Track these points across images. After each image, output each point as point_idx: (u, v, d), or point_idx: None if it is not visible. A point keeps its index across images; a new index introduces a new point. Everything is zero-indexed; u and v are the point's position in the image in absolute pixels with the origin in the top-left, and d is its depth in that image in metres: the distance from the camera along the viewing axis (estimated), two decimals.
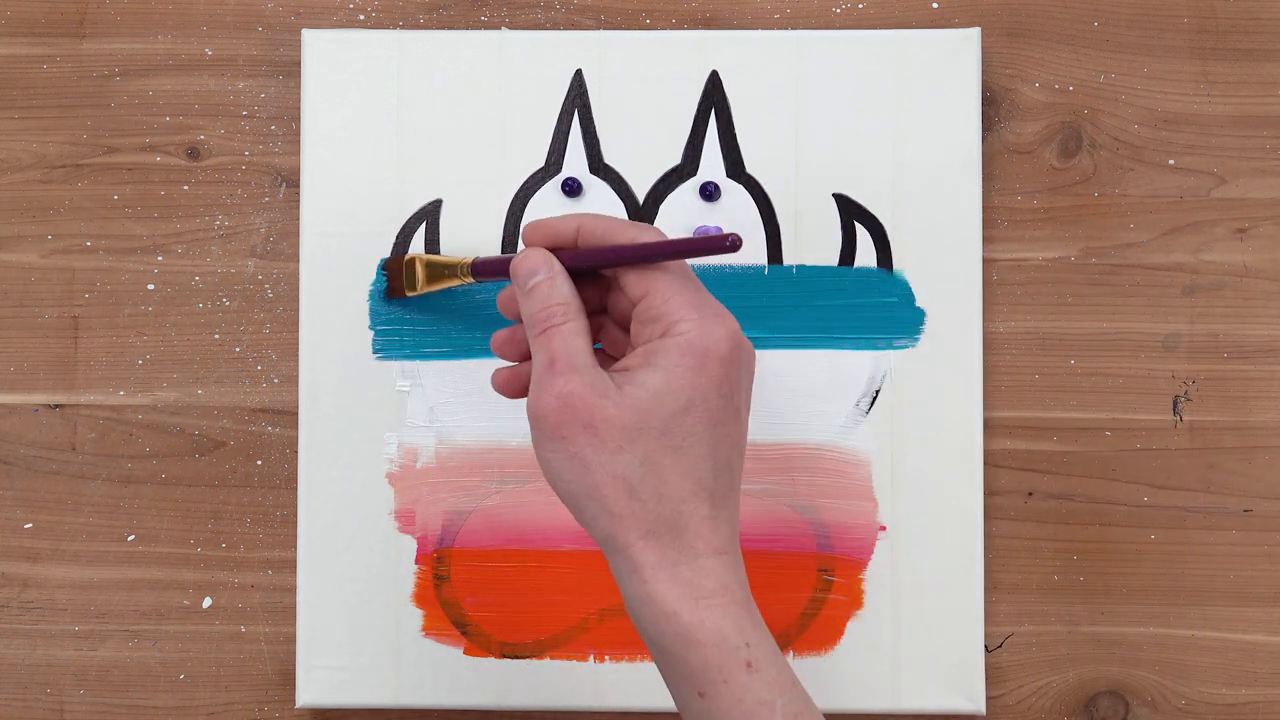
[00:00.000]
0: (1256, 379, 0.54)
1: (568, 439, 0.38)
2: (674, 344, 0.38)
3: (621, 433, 0.37)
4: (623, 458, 0.37)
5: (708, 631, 0.37)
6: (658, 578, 0.37)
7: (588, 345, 0.39)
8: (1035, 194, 0.54)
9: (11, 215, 0.55)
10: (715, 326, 0.39)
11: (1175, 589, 0.54)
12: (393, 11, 0.55)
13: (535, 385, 0.39)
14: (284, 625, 0.54)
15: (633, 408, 0.37)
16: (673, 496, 0.38)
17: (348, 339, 0.53)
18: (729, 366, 0.38)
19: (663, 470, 0.38)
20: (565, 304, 0.40)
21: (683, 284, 0.39)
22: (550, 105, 0.53)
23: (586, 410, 0.37)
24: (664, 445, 0.38)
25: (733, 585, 0.38)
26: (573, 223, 0.42)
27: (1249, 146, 0.54)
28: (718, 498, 0.38)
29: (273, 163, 0.55)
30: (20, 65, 0.55)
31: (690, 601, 0.37)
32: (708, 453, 0.38)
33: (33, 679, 0.54)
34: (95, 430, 0.54)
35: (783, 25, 0.54)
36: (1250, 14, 0.54)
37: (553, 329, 0.39)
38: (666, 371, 0.38)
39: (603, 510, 0.38)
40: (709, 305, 0.39)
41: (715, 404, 0.38)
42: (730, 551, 0.38)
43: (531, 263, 0.41)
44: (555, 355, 0.39)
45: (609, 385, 0.38)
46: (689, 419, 0.38)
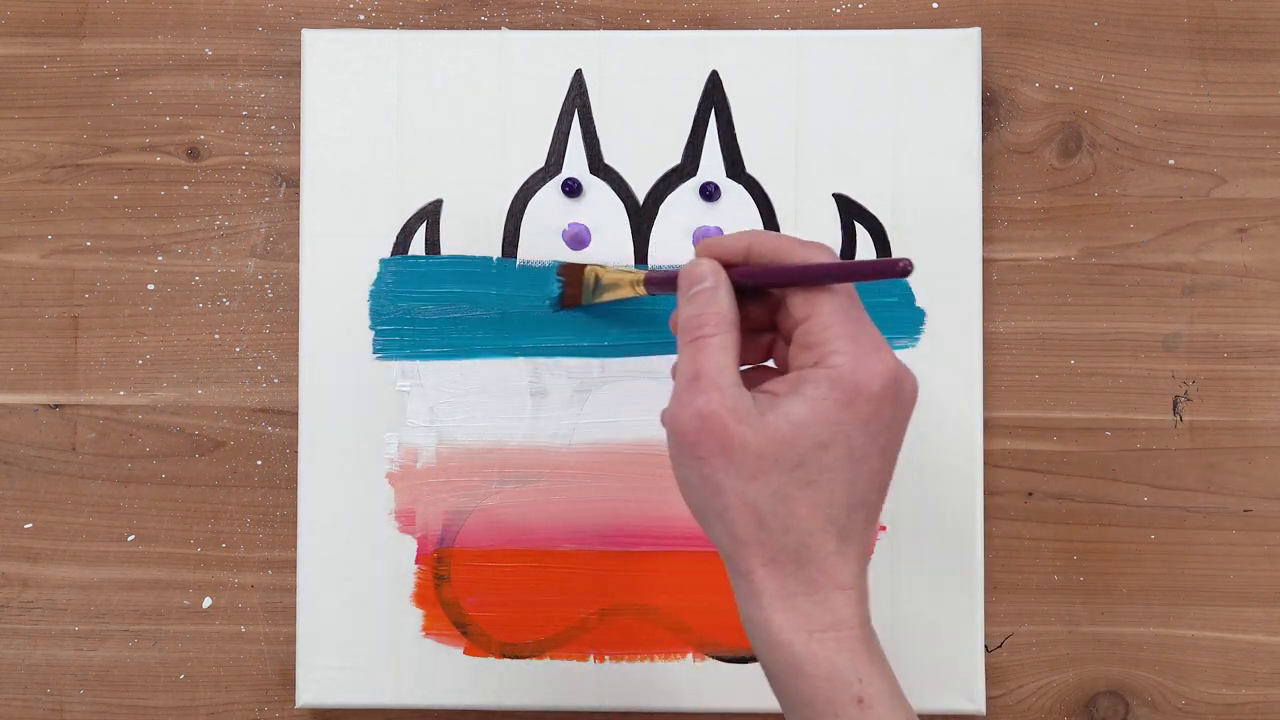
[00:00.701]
0: (1256, 379, 0.54)
1: (703, 459, 0.37)
2: (824, 375, 0.37)
3: (757, 461, 0.36)
4: (755, 486, 0.37)
5: (820, 664, 0.37)
6: (774, 606, 0.37)
7: (734, 362, 0.38)
8: (1035, 194, 0.54)
9: (11, 215, 0.55)
10: (871, 362, 0.37)
11: (1175, 589, 0.54)
12: (393, 11, 0.55)
13: (676, 397, 0.38)
14: (284, 625, 0.54)
15: (771, 437, 0.36)
16: (800, 529, 0.37)
17: (348, 339, 0.53)
18: (879, 405, 0.37)
19: (793, 503, 0.37)
20: (720, 316, 0.39)
21: (845, 313, 0.38)
22: (550, 105, 0.53)
23: (724, 433, 0.37)
24: (798, 478, 0.37)
25: (851, 620, 0.37)
26: (744, 239, 0.41)
27: (1249, 146, 0.54)
28: (847, 534, 0.37)
29: (273, 163, 0.55)
30: (20, 65, 0.55)
31: (804, 633, 0.37)
32: (843, 490, 0.37)
33: (33, 679, 0.54)
34: (95, 430, 0.55)
35: (783, 25, 0.54)
36: (1250, 14, 0.54)
37: (702, 339, 0.38)
38: (812, 403, 0.37)
39: (728, 533, 0.37)
40: (868, 338, 0.38)
41: (858, 442, 0.37)
42: (854, 587, 0.37)
43: (699, 271, 0.40)
44: (701, 370, 0.38)
45: (750, 409, 0.37)
46: (827, 455, 0.37)
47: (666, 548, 0.53)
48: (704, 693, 0.52)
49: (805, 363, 0.38)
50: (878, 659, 0.38)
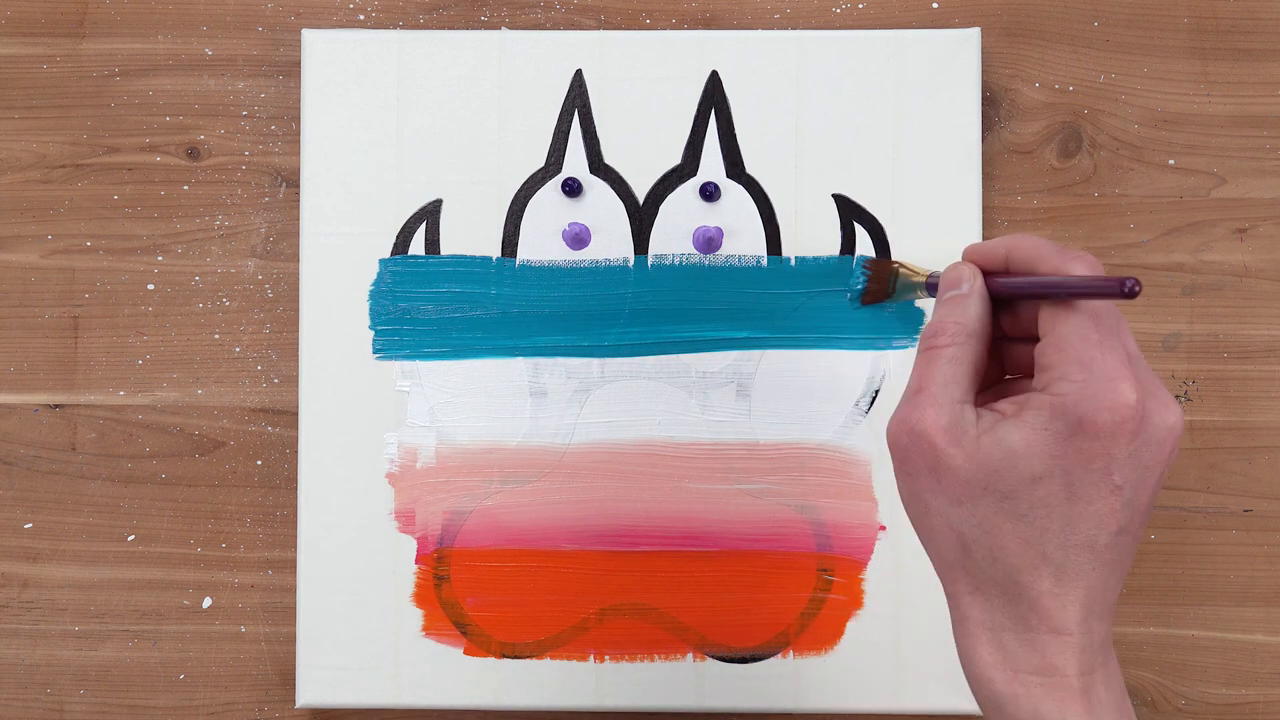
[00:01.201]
0: (1256, 379, 0.54)
1: (913, 476, 0.36)
2: (1048, 402, 0.34)
3: (964, 486, 0.35)
4: (961, 511, 0.35)
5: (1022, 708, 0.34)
6: (979, 637, 0.35)
7: (965, 376, 0.36)
8: (1035, 194, 0.54)
9: (11, 215, 0.55)
10: (1101, 393, 0.33)
11: (1175, 589, 0.54)
12: (393, 11, 0.55)
13: (899, 408, 0.36)
14: (284, 625, 0.54)
15: (982, 463, 0.34)
16: (1009, 563, 0.35)
17: (348, 339, 0.53)
18: (1109, 442, 0.33)
19: (1001, 535, 0.34)
20: (961, 325, 0.36)
21: (1087, 334, 0.34)
22: (550, 105, 0.53)
23: (933, 453, 0.35)
24: (1006, 510, 0.34)
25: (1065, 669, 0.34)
26: (1004, 244, 0.38)
27: (1249, 146, 0.54)
28: (1066, 576, 0.34)
29: (273, 163, 0.55)
30: (20, 65, 0.55)
31: (1008, 671, 0.35)
32: (1059, 528, 0.34)
33: (33, 679, 0.54)
34: (95, 430, 0.55)
35: (783, 25, 0.54)
36: (1250, 14, 0.54)
37: (935, 350, 0.36)
38: (1030, 431, 0.34)
39: (936, 554, 0.36)
40: (1105, 366, 0.34)
41: (1080, 479, 0.34)
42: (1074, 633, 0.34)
43: (956, 275, 0.38)
44: (924, 383, 0.36)
45: (966, 431, 0.35)
46: (1040, 489, 0.34)
47: (666, 548, 0.53)
48: (704, 693, 0.52)
49: (1039, 384, 0.35)
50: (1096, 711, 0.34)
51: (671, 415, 0.53)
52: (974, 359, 0.36)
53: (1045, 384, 0.35)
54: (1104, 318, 0.35)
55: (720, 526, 0.53)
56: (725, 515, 0.53)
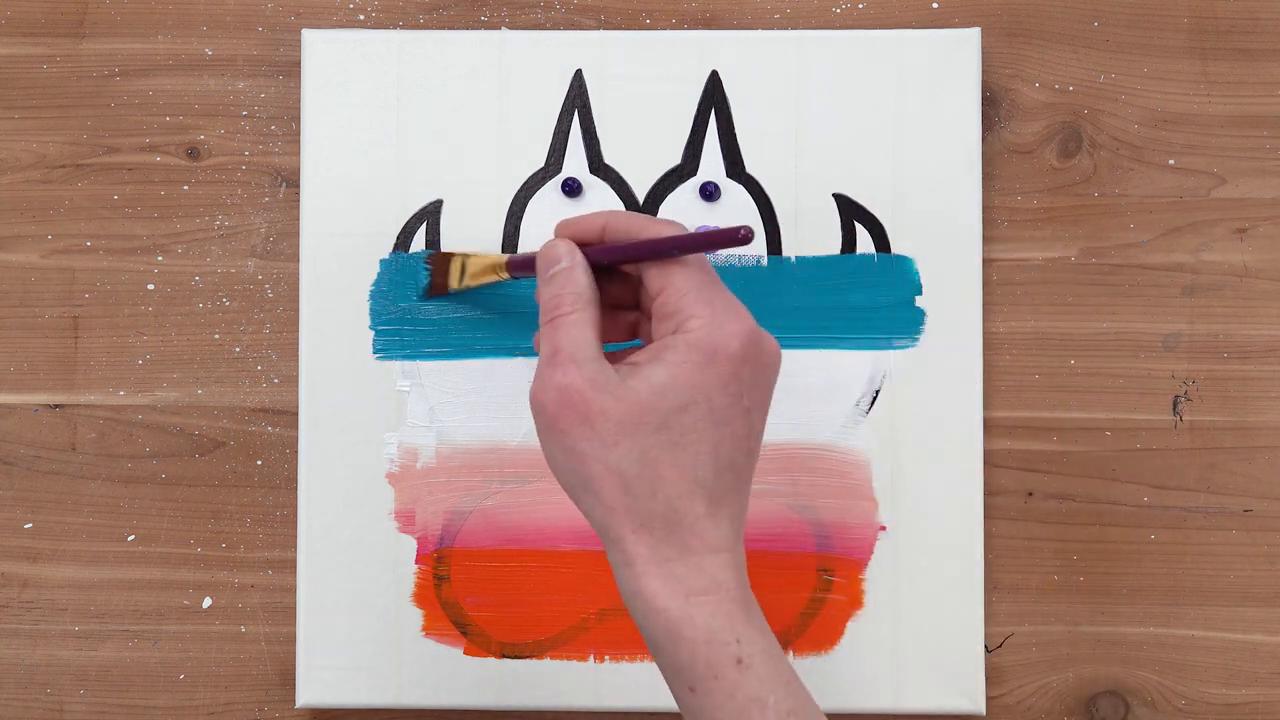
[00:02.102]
0: (1256, 379, 0.54)
1: (565, 431, 0.38)
2: (682, 340, 0.38)
3: (618, 427, 0.37)
4: (618, 452, 0.37)
5: (697, 628, 0.37)
6: (649, 571, 0.37)
7: (593, 338, 0.39)
8: (1035, 194, 0.54)
9: (11, 215, 0.55)
10: (727, 323, 0.38)
11: (1175, 589, 0.54)
12: (393, 11, 0.55)
13: (537, 376, 0.39)
14: (284, 625, 0.54)
15: (632, 402, 0.37)
16: (668, 493, 0.37)
17: (348, 339, 0.53)
18: (739, 365, 0.38)
19: (659, 466, 0.37)
20: (577, 294, 0.40)
21: (699, 280, 0.39)
22: (550, 105, 0.53)
23: (584, 403, 0.37)
24: (661, 441, 0.37)
25: (728, 583, 0.38)
26: (600, 219, 0.42)
27: (1249, 146, 0.54)
28: (717, 496, 0.38)
29: (273, 163, 0.55)
30: (20, 65, 0.55)
31: (680, 598, 0.37)
32: (709, 450, 0.38)
33: (33, 679, 0.54)
34: (95, 430, 0.55)
35: (783, 25, 0.54)
36: (1250, 14, 0.54)
37: (560, 318, 0.39)
38: (672, 367, 0.37)
39: (598, 502, 0.38)
40: (723, 301, 0.39)
41: (720, 402, 0.38)
42: (729, 550, 0.38)
43: (555, 252, 0.41)
44: (558, 346, 0.39)
45: (610, 378, 0.38)
46: (689, 416, 0.37)
47: None
48: None
49: (665, 332, 0.39)
50: (755, 620, 0.38)
51: None
52: (595, 322, 0.39)
53: (675, 327, 0.38)
54: (706, 266, 0.40)
55: None
56: None
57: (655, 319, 0.40)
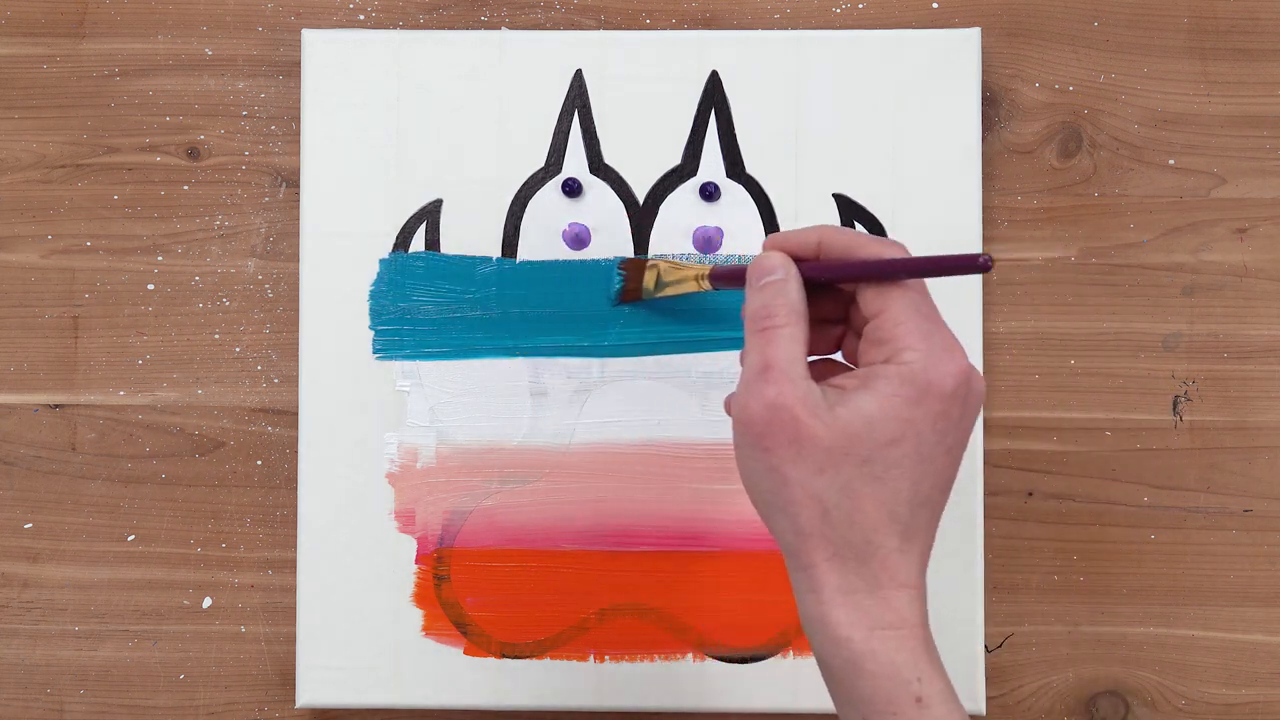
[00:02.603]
0: (1256, 379, 0.54)
1: (770, 450, 0.37)
2: (896, 372, 0.37)
3: (826, 454, 0.36)
4: (822, 479, 0.36)
5: (879, 662, 0.36)
6: (835, 601, 0.37)
7: (804, 354, 0.38)
8: (1035, 194, 0.54)
9: (11, 215, 0.55)
10: (944, 360, 0.37)
11: (1175, 589, 0.54)
12: (393, 11, 0.55)
13: (745, 387, 0.38)
14: (284, 625, 0.54)
15: (842, 431, 0.36)
16: (865, 525, 0.36)
17: (348, 339, 0.53)
18: (949, 404, 0.37)
19: (859, 498, 0.36)
20: (790, 307, 0.38)
21: (917, 310, 0.38)
22: (550, 105, 0.53)
23: (794, 424, 0.36)
24: (865, 473, 0.36)
25: (912, 620, 0.37)
26: (815, 234, 0.40)
27: (1249, 146, 0.54)
28: (911, 532, 0.37)
29: (273, 163, 0.55)
30: (20, 65, 0.55)
31: (864, 630, 0.36)
32: (909, 487, 0.37)
33: (33, 679, 0.54)
34: (95, 430, 0.55)
35: (783, 25, 0.54)
36: (1250, 14, 0.54)
37: (772, 330, 0.38)
38: (883, 399, 0.36)
39: (792, 526, 0.37)
40: (940, 337, 0.37)
41: (927, 439, 0.37)
42: (915, 586, 0.37)
43: (769, 263, 0.40)
44: (770, 360, 0.37)
45: (820, 402, 0.37)
46: (895, 451, 0.36)
47: (666, 548, 0.53)
48: (704, 693, 0.52)
49: (876, 358, 0.37)
50: (935, 659, 0.37)
51: (671, 415, 0.53)
52: (805, 339, 0.38)
53: (888, 356, 0.37)
54: (926, 294, 0.38)
55: (720, 526, 0.53)
56: (725, 515, 0.53)
57: (866, 342, 0.38)
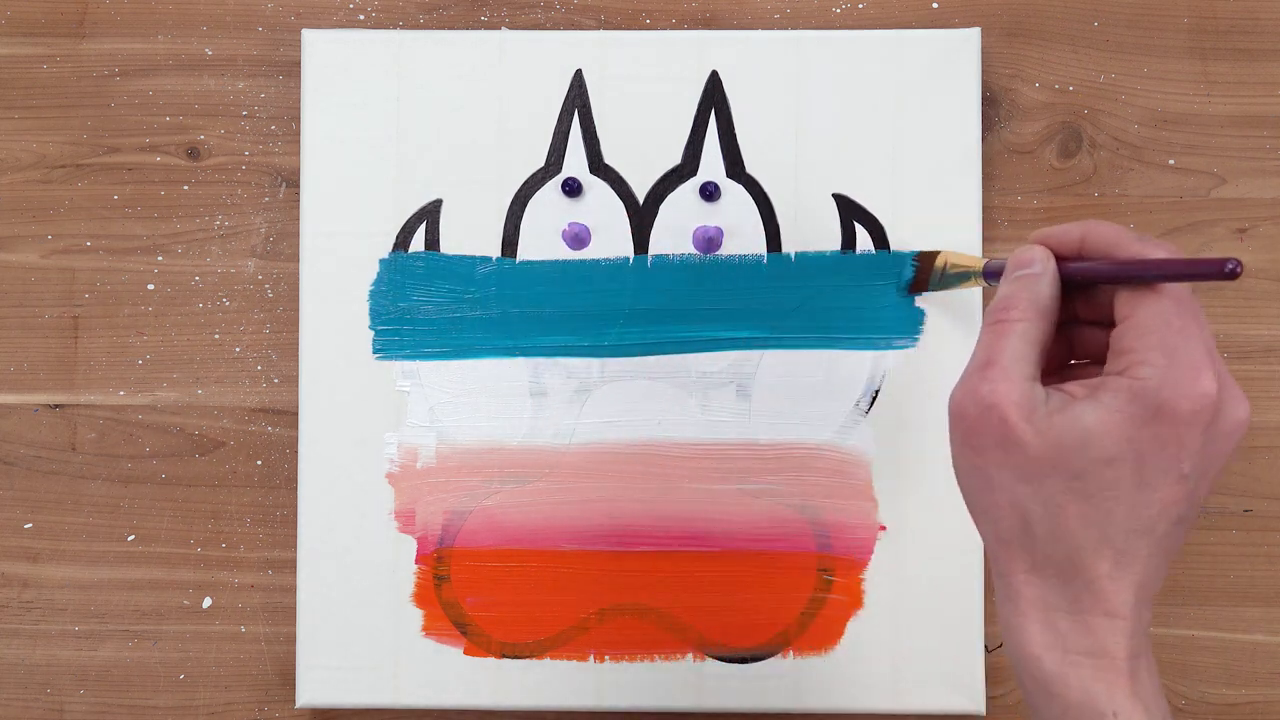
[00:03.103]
0: (1256, 379, 0.54)
1: (978, 449, 0.35)
2: (1127, 386, 0.33)
3: (1033, 463, 0.34)
4: (1027, 489, 0.34)
5: (1071, 688, 0.34)
6: (1030, 615, 0.35)
7: (1033, 353, 0.35)
8: (1035, 194, 0.54)
9: (11, 215, 0.55)
10: (1184, 380, 0.33)
11: (1175, 589, 0.54)
12: (393, 11, 0.55)
13: (964, 381, 0.36)
14: (284, 625, 0.54)
15: (1054, 441, 0.34)
16: (1070, 544, 0.34)
17: (348, 339, 0.53)
18: (1185, 429, 0.33)
19: (1065, 515, 0.34)
20: (1032, 302, 0.36)
21: (1168, 320, 0.34)
22: (550, 105, 0.53)
23: (1004, 427, 0.34)
24: (1074, 488, 0.34)
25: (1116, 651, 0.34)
26: (1079, 229, 0.37)
27: (1249, 146, 0.54)
28: (1125, 559, 0.34)
29: (273, 163, 0.55)
30: (20, 65, 0.55)
31: (1059, 652, 0.34)
32: (1124, 512, 0.34)
33: (33, 679, 0.54)
34: (95, 430, 0.55)
35: (783, 25, 0.54)
36: (1250, 14, 0.54)
37: (1005, 324, 0.36)
38: (1105, 413, 0.33)
39: (993, 531, 0.35)
40: (1188, 353, 0.33)
41: (1153, 464, 0.33)
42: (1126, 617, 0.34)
43: (1028, 255, 0.37)
44: (994, 356, 0.35)
45: (1038, 406, 0.34)
46: (1110, 472, 0.34)
47: (666, 548, 0.53)
48: (704, 693, 0.52)
49: (1113, 368, 0.35)
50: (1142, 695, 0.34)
51: (671, 415, 0.53)
52: (1043, 338, 0.36)
53: (1124, 367, 0.34)
54: (1185, 304, 0.34)
55: (720, 526, 0.53)
56: (725, 515, 0.53)
57: (1111, 350, 0.35)
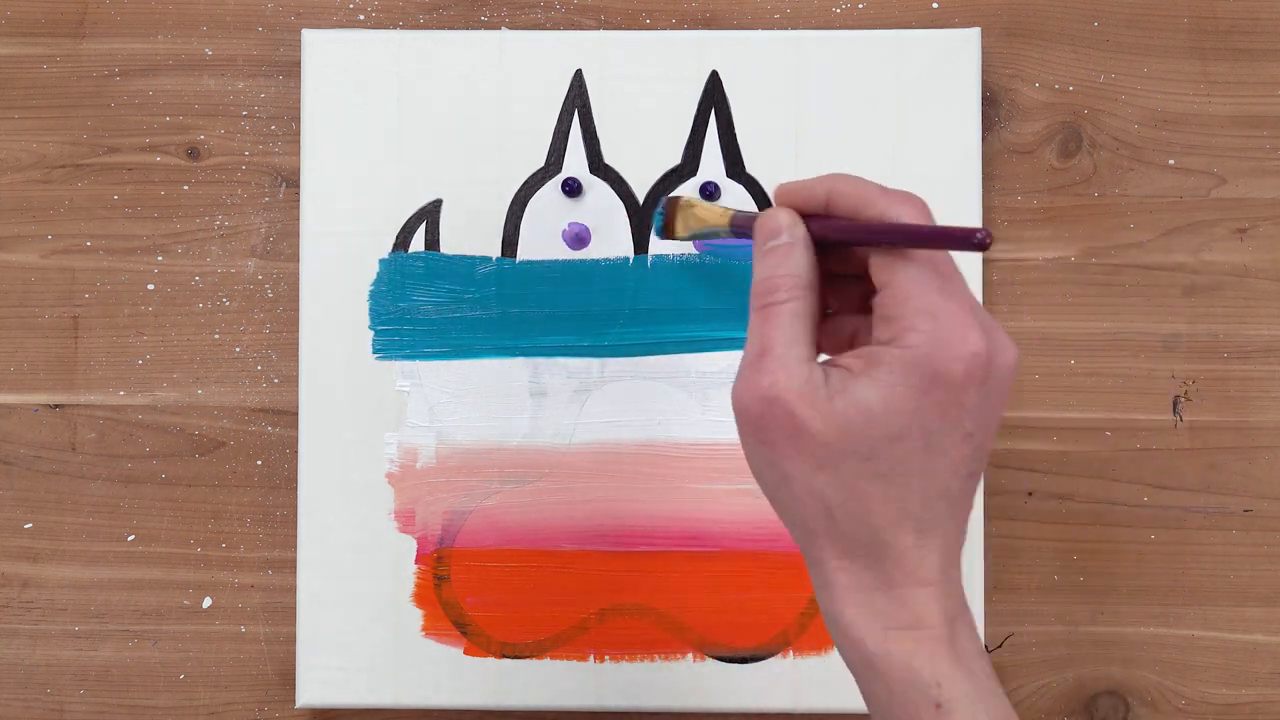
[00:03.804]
0: (1256, 379, 0.54)
1: (769, 445, 0.34)
2: (899, 357, 0.33)
3: (824, 450, 0.33)
4: (823, 477, 0.34)
5: (894, 664, 0.34)
6: (847, 599, 0.34)
7: (807, 332, 0.35)
8: (1035, 194, 0.54)
9: (11, 215, 0.55)
10: (952, 344, 0.33)
11: (1175, 589, 0.54)
12: (393, 11, 0.55)
13: (742, 374, 0.35)
14: (284, 625, 0.54)
15: (840, 426, 0.33)
16: (874, 524, 0.34)
17: (348, 339, 0.53)
18: (962, 391, 0.33)
19: (865, 496, 0.34)
20: (794, 278, 0.35)
21: (927, 283, 0.33)
22: (550, 105, 0.53)
23: (790, 419, 0.33)
24: (868, 471, 0.33)
25: (931, 619, 0.34)
26: (824, 185, 0.36)
27: (1249, 146, 0.54)
28: (927, 527, 0.34)
29: (273, 163, 0.55)
30: (20, 65, 0.55)
31: (879, 631, 0.34)
32: (919, 483, 0.34)
33: (33, 679, 0.54)
34: (95, 430, 0.54)
35: (783, 25, 0.54)
36: (1250, 14, 0.54)
37: (773, 307, 0.35)
38: (885, 389, 0.33)
39: (798, 523, 0.35)
40: (952, 313, 0.33)
41: (937, 430, 0.33)
42: (937, 583, 0.34)
43: (775, 223, 0.36)
44: (769, 343, 0.34)
45: (819, 390, 0.34)
46: (901, 447, 0.33)
47: (666, 548, 0.53)
48: (704, 693, 0.52)
49: (882, 336, 0.34)
50: (965, 660, 0.34)
51: (671, 415, 0.53)
52: (811, 311, 0.35)
53: (892, 337, 0.34)
54: (940, 263, 0.34)
55: (720, 526, 0.53)
56: (725, 515, 0.53)
57: (876, 315, 0.34)
